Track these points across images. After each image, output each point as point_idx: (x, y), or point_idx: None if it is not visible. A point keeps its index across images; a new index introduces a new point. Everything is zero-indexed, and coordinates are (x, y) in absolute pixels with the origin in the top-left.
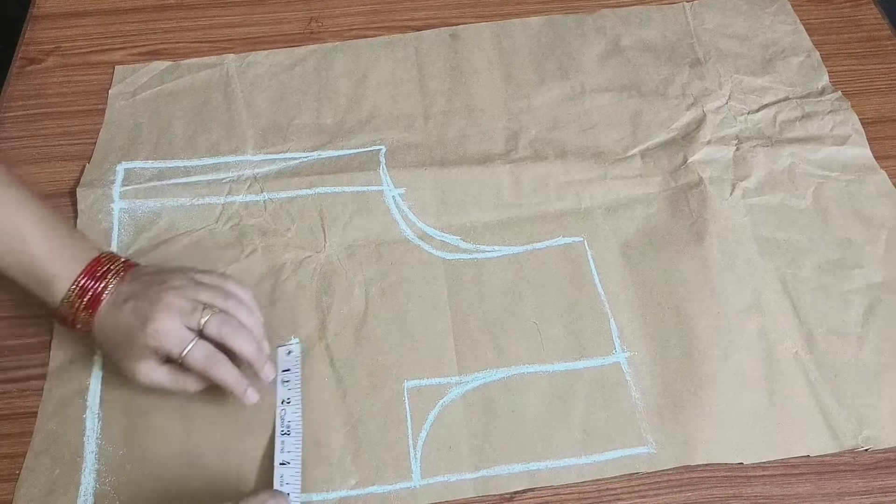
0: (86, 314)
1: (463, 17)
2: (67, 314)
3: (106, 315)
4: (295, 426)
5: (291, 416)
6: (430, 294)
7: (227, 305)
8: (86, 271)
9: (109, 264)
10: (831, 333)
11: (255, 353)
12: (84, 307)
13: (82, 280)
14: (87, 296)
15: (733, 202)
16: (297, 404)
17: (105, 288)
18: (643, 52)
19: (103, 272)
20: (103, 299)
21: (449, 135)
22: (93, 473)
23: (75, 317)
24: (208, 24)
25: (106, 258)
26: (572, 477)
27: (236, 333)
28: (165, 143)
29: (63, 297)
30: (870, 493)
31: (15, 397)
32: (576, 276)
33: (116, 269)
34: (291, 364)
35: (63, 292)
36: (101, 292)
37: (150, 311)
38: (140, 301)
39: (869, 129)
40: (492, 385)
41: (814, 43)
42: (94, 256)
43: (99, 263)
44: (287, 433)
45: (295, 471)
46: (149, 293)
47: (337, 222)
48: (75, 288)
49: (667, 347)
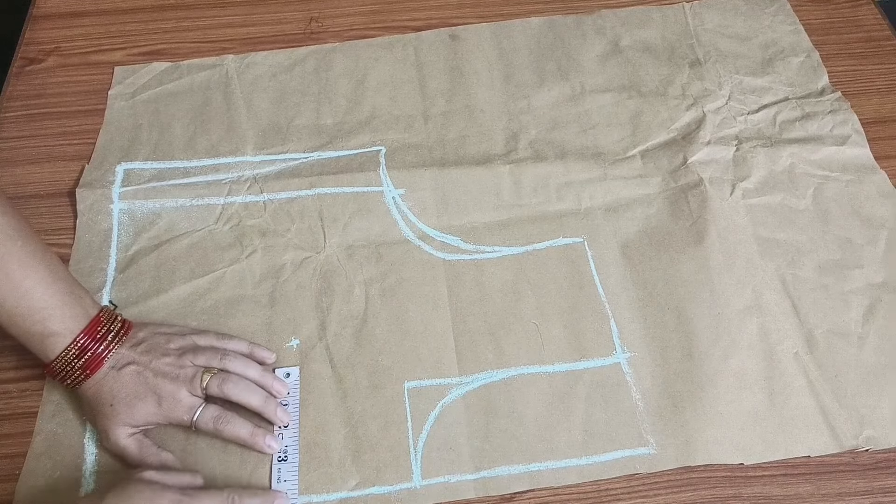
0: (81, 374)
1: (463, 17)
2: (60, 371)
3: (104, 378)
4: (292, 452)
5: (289, 441)
6: (430, 294)
7: (223, 364)
8: (86, 331)
9: (109, 324)
10: (832, 334)
11: (262, 402)
12: (81, 367)
13: (81, 340)
14: (85, 356)
15: (733, 202)
16: (294, 429)
17: (107, 351)
18: (643, 53)
19: (103, 333)
20: (105, 363)
21: (449, 135)
22: (93, 475)
23: (68, 374)
24: (208, 24)
25: (105, 317)
26: (573, 478)
27: (238, 388)
28: (165, 144)
29: (60, 354)
30: (870, 494)
31: (15, 398)
32: (576, 276)
33: (116, 330)
34: (290, 387)
35: (60, 349)
36: (102, 356)
37: (157, 384)
38: (144, 370)
39: (869, 130)
40: (492, 386)
41: (814, 43)
42: (93, 315)
43: (99, 323)
44: (284, 459)
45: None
46: (151, 365)
47: (337, 223)
48: (73, 347)
49: (667, 348)
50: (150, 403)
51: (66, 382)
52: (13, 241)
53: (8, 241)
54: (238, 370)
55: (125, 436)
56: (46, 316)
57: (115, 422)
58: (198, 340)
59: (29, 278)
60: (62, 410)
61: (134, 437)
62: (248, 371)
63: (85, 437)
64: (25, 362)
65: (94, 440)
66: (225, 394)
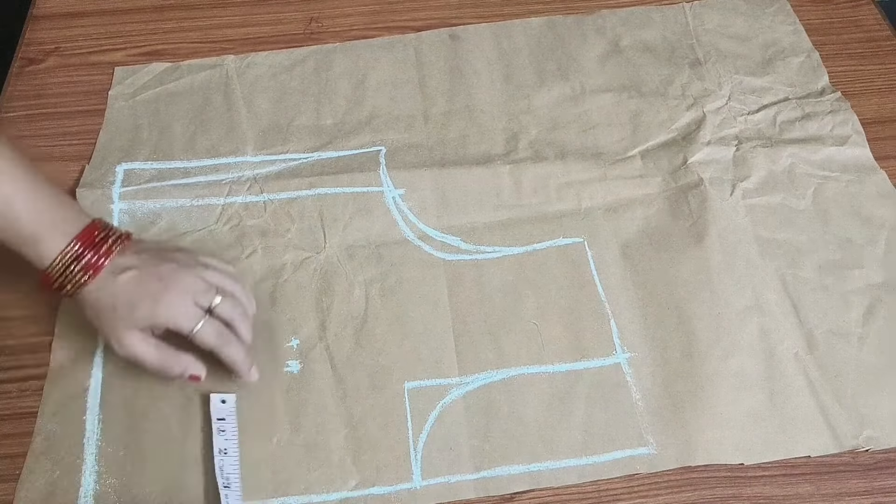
0: (81, 279)
1: (463, 17)
2: (59, 277)
3: (104, 283)
4: (234, 479)
5: (230, 469)
6: (430, 295)
7: (234, 290)
8: (80, 236)
9: (107, 231)
10: (832, 334)
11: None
12: (80, 271)
13: (76, 245)
14: (82, 261)
15: (733, 203)
16: (234, 455)
17: (108, 255)
18: (643, 53)
19: (102, 238)
20: (104, 266)
21: (449, 135)
22: (93, 475)
23: (65, 280)
24: (208, 24)
25: (101, 225)
26: (573, 478)
27: (243, 319)
28: (165, 144)
29: (54, 260)
30: (870, 494)
31: (15, 397)
32: (576, 276)
33: (116, 237)
34: (227, 413)
35: (54, 255)
36: (102, 259)
37: (161, 287)
38: (146, 274)
39: (869, 130)
40: (492, 386)
41: (814, 43)
42: (87, 223)
43: (95, 229)
44: (227, 486)
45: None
46: (158, 269)
47: (337, 223)
48: (69, 252)
49: (667, 348)
50: (148, 303)
51: (65, 289)
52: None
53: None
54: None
55: (138, 340)
56: (39, 220)
57: (121, 326)
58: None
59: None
60: (62, 410)
61: (149, 342)
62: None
63: (85, 437)
64: (25, 362)
65: (95, 440)
66: (233, 318)
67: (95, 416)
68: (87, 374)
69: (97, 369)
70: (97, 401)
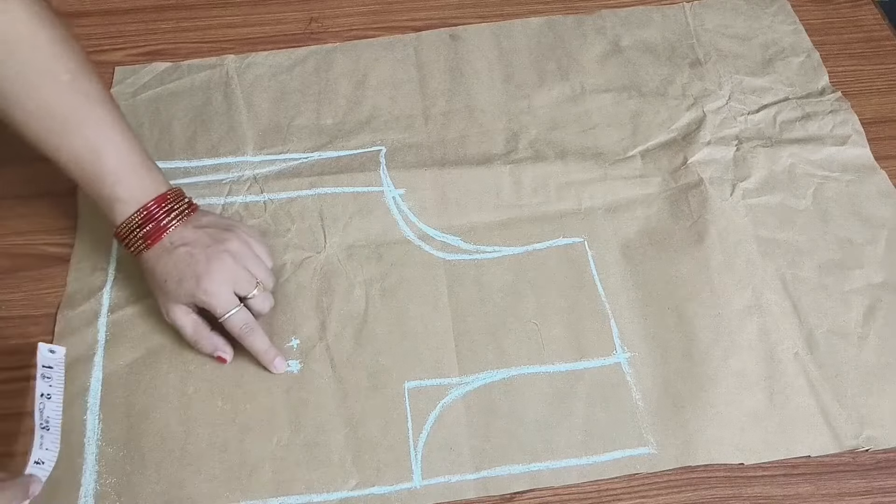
0: (142, 244)
1: (463, 17)
2: (125, 237)
3: (160, 252)
4: (54, 423)
5: (50, 413)
6: (430, 295)
7: (269, 285)
8: (148, 206)
9: (175, 202)
10: (832, 334)
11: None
12: (143, 237)
13: (143, 213)
14: (147, 226)
15: (733, 203)
16: (57, 401)
17: (168, 226)
18: (643, 53)
19: (168, 208)
20: (163, 237)
21: (449, 135)
22: (93, 475)
23: (130, 241)
24: (208, 24)
25: (172, 195)
26: (573, 478)
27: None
28: (165, 144)
29: (125, 220)
30: (870, 494)
31: (14, 397)
32: (576, 276)
33: (181, 209)
34: (55, 363)
35: (126, 216)
36: (163, 229)
37: (206, 269)
38: (198, 253)
39: (869, 130)
40: (492, 386)
41: (814, 43)
42: (162, 191)
43: (165, 199)
44: (46, 427)
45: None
46: (208, 250)
47: (337, 223)
48: (135, 219)
49: (667, 348)
50: (192, 282)
51: (129, 249)
52: (94, 107)
53: (91, 105)
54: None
55: (182, 314)
56: (117, 181)
57: (169, 299)
58: (258, 250)
59: (105, 144)
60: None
61: (190, 317)
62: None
63: (85, 437)
64: (25, 362)
65: (95, 440)
66: (264, 312)
67: (95, 416)
68: (87, 374)
69: (97, 369)
70: (97, 401)
